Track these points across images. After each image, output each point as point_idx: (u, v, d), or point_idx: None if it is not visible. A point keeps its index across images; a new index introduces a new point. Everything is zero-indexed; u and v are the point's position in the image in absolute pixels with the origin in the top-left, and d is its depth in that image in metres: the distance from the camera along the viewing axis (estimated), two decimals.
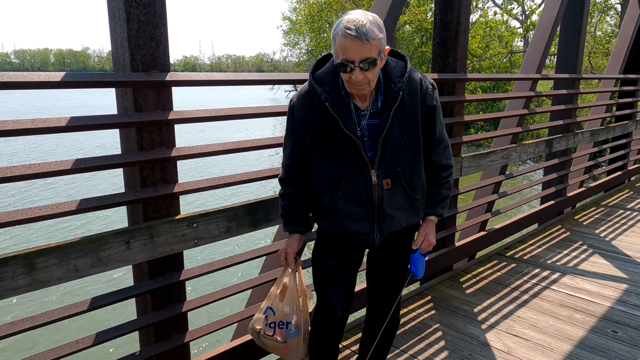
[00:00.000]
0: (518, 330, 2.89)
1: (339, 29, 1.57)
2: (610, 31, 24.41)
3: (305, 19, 28.64)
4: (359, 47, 1.54)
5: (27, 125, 1.66)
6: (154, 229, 1.99)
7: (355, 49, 1.54)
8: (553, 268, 3.82)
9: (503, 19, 20.29)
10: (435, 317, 3.04)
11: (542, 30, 4.62)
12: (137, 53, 1.94)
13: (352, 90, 1.67)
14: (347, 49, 1.55)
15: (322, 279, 1.95)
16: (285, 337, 1.94)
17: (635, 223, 4.95)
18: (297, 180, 1.89)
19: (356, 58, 1.56)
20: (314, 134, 1.76)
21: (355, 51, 1.55)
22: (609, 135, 5.90)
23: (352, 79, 1.59)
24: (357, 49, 1.54)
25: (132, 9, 1.90)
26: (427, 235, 1.88)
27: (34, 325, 1.77)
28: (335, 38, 1.59)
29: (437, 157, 1.87)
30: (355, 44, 1.54)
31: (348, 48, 1.55)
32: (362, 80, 1.59)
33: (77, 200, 1.82)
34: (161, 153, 2.02)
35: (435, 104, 1.80)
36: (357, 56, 1.55)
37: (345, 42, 1.55)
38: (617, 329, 2.91)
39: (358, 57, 1.55)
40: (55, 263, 1.74)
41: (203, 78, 2.16)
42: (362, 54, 1.55)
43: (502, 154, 3.95)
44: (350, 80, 1.60)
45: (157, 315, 2.12)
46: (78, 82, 1.78)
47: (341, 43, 1.56)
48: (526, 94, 4.27)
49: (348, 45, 1.54)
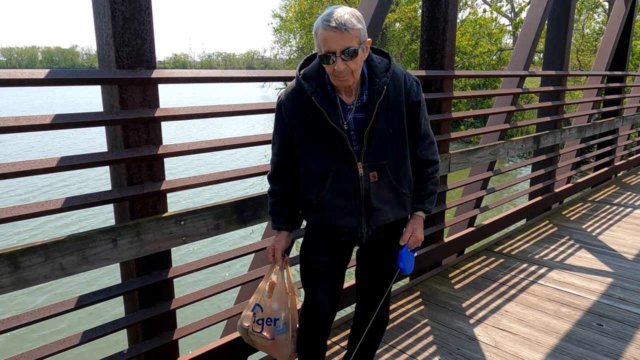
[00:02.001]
0: (505, 324, 2.92)
1: (319, 23, 1.64)
2: (598, 29, 24.63)
3: (296, 16, 28.58)
4: (339, 38, 1.60)
5: (10, 123, 1.65)
6: (141, 227, 1.98)
7: (336, 40, 1.60)
8: (540, 263, 3.86)
9: (492, 16, 20.40)
10: (424, 313, 3.06)
11: (529, 27, 4.66)
12: (123, 50, 1.93)
13: (337, 83, 1.71)
14: (328, 40, 1.61)
15: (310, 275, 1.96)
16: (273, 333, 1.94)
17: (621, 218, 5.02)
18: (285, 177, 1.91)
19: (337, 48, 1.61)
20: (301, 129, 1.79)
21: (335, 41, 1.60)
22: (596, 132, 5.97)
23: (335, 70, 1.64)
24: (337, 40, 1.60)
25: (117, 5, 1.89)
26: (414, 231, 1.89)
27: (20, 325, 1.76)
28: (317, 32, 1.65)
29: (422, 153, 1.90)
30: (335, 35, 1.59)
31: (329, 39, 1.61)
32: (344, 70, 1.64)
33: (63, 198, 1.81)
34: (148, 150, 2.01)
35: (419, 99, 1.84)
36: (338, 46, 1.61)
37: (325, 34, 1.61)
38: (602, 322, 2.95)
39: (339, 47, 1.61)
40: (41, 262, 1.73)
41: (190, 75, 2.14)
42: (342, 44, 1.60)
43: (490, 151, 3.98)
44: (334, 72, 1.65)
45: (145, 313, 2.12)
46: (62, 80, 1.77)
47: (322, 35, 1.62)
48: (514, 90, 4.31)
49: (328, 37, 1.60)
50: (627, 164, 7.08)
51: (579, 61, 22.68)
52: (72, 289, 6.36)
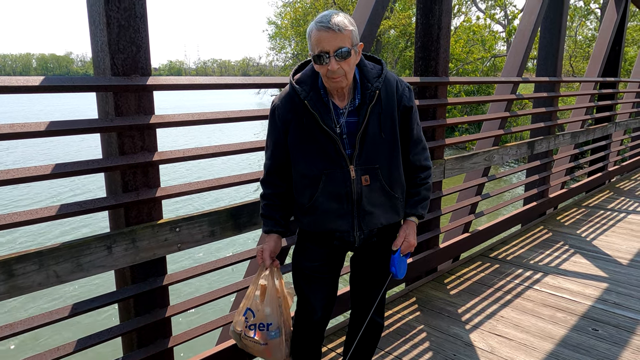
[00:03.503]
0: (501, 330, 2.92)
1: (312, 26, 1.68)
2: (590, 35, 24.86)
3: (291, 23, 28.70)
4: (332, 38, 1.63)
5: (5, 130, 1.64)
6: (136, 234, 1.98)
7: (329, 40, 1.63)
8: (536, 268, 3.87)
9: (486, 23, 20.55)
10: (419, 319, 3.06)
11: (522, 33, 4.70)
12: (118, 57, 1.93)
13: (330, 85, 1.73)
14: (322, 41, 1.64)
15: (302, 280, 1.96)
16: (266, 338, 1.93)
17: (615, 223, 5.05)
18: (278, 181, 1.92)
19: (330, 48, 1.64)
20: (294, 133, 1.80)
21: (329, 41, 1.63)
22: (589, 137, 6.02)
23: (328, 70, 1.66)
24: (330, 40, 1.63)
25: (112, 12, 1.89)
26: (407, 236, 1.89)
27: (13, 333, 1.75)
28: (310, 35, 1.68)
29: (415, 158, 1.91)
30: (328, 35, 1.63)
31: (322, 39, 1.64)
32: (338, 71, 1.66)
33: (57, 205, 1.81)
34: (143, 157, 2.01)
35: (411, 104, 1.86)
36: (331, 46, 1.64)
37: (319, 35, 1.64)
38: (597, 327, 2.96)
39: (332, 47, 1.64)
40: (35, 269, 1.72)
41: (185, 82, 2.15)
42: (335, 44, 1.64)
43: (484, 156, 4.00)
44: (327, 73, 1.67)
45: (140, 320, 2.10)
46: (57, 87, 1.77)
47: (315, 36, 1.65)
48: (507, 96, 4.33)
49: (322, 37, 1.64)
50: (620, 169, 7.12)
51: (572, 67, 22.88)
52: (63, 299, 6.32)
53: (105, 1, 1.87)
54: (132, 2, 1.94)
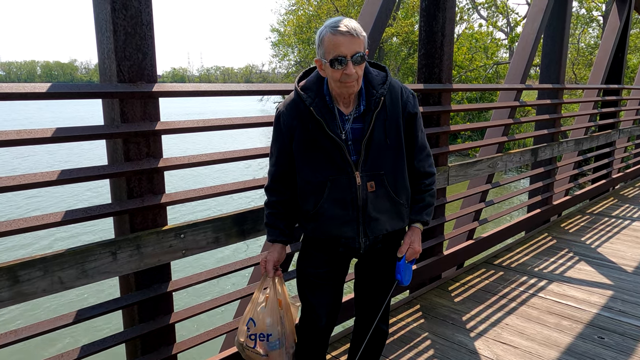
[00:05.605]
0: (506, 337, 2.90)
1: (325, 30, 1.66)
2: (593, 43, 24.89)
3: (294, 31, 28.83)
4: (350, 42, 1.63)
5: (12, 136, 1.65)
6: (141, 240, 1.98)
7: (347, 44, 1.62)
8: (540, 276, 3.85)
9: (488, 30, 20.60)
10: (424, 326, 3.04)
11: (525, 41, 4.71)
12: (124, 64, 1.95)
13: (342, 90, 1.72)
14: (339, 45, 1.62)
15: (307, 286, 1.96)
16: (267, 349, 1.92)
17: (619, 230, 5.02)
18: (282, 188, 1.91)
19: (348, 52, 1.63)
20: (299, 139, 1.80)
21: (347, 46, 1.62)
22: (593, 144, 6.00)
23: (344, 74, 1.65)
24: (349, 44, 1.62)
25: (119, 20, 1.91)
26: (412, 242, 1.89)
27: (17, 339, 1.75)
28: (324, 39, 1.66)
29: (419, 164, 1.91)
30: (346, 39, 1.62)
31: (340, 44, 1.62)
32: (354, 75, 1.66)
33: (62, 212, 1.81)
34: (148, 164, 2.01)
35: (415, 111, 1.86)
36: (350, 50, 1.63)
37: (336, 39, 1.62)
38: (603, 335, 2.94)
39: (350, 51, 1.63)
40: (40, 275, 1.72)
41: (190, 89, 2.16)
42: (353, 48, 1.63)
43: (488, 163, 4.00)
44: (342, 77, 1.66)
45: (144, 327, 2.10)
46: (64, 93, 1.78)
47: (332, 40, 1.63)
48: (511, 103, 4.34)
49: (339, 41, 1.62)
50: (624, 176, 7.10)
51: (574, 74, 22.88)
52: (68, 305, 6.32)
53: (112, 9, 1.88)
54: (138, 10, 1.95)
